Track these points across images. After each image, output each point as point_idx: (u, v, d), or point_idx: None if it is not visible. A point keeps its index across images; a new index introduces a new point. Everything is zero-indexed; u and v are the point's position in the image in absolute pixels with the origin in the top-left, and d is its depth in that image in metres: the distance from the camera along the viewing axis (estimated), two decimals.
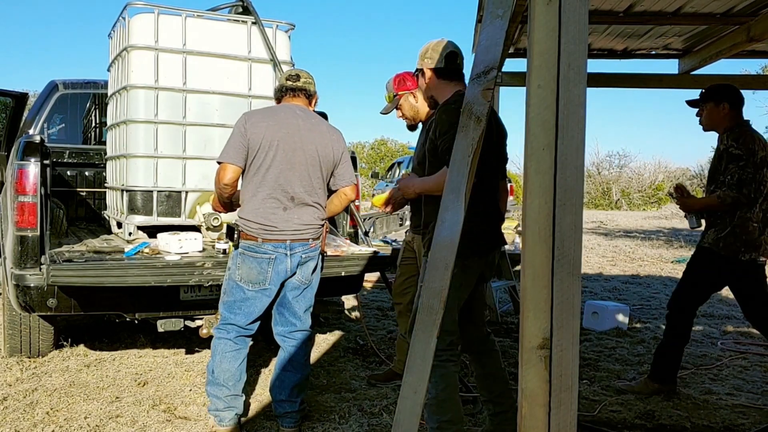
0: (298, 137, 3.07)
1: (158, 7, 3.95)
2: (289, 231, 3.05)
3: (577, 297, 1.75)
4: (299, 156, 3.06)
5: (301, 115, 3.14)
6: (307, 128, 3.11)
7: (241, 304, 3.10)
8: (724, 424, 3.38)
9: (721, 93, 3.67)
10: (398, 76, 3.70)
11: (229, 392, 3.10)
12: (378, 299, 6.63)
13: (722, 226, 3.59)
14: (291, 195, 3.05)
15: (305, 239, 3.11)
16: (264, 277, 3.06)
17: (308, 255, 3.14)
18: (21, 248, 3.49)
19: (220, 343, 3.12)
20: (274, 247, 3.04)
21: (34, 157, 3.56)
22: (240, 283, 3.08)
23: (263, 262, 3.04)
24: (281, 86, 3.27)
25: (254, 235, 3.03)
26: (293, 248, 3.07)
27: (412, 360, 2.07)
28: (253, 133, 3.00)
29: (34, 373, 3.97)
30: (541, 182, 1.75)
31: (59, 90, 5.53)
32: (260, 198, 3.03)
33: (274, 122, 3.06)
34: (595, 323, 5.46)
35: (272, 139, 3.01)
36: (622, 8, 4.30)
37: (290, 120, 3.09)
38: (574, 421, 1.75)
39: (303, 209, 3.09)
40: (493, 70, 2.16)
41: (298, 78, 3.25)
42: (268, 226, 3.02)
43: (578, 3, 1.72)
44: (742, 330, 5.55)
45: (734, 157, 3.52)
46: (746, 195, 3.50)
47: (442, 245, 2.11)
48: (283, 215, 3.04)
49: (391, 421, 3.23)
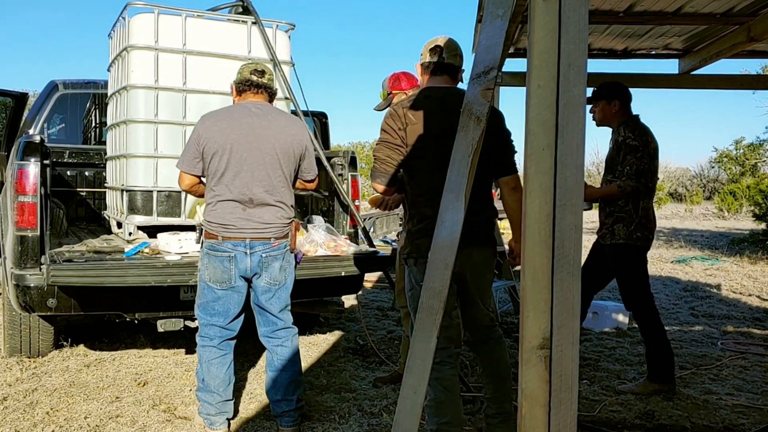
0: (254, 137, 3.04)
1: (158, 7, 3.95)
2: (248, 230, 3.05)
3: (577, 297, 1.75)
4: (255, 156, 3.03)
5: (257, 112, 3.10)
6: (263, 126, 3.07)
7: (214, 304, 3.11)
8: (724, 424, 3.38)
9: (612, 91, 3.83)
10: (394, 75, 3.73)
11: (220, 398, 3.12)
12: (378, 299, 6.63)
13: (629, 220, 3.74)
14: (249, 197, 3.04)
15: (266, 238, 3.09)
16: (228, 275, 3.07)
17: (270, 254, 3.11)
18: (21, 248, 3.49)
19: (205, 351, 3.13)
20: (233, 245, 3.04)
21: (34, 157, 3.56)
22: (209, 284, 3.10)
23: (224, 260, 3.05)
24: (246, 80, 3.17)
25: (215, 233, 3.06)
26: (253, 247, 3.07)
27: (412, 360, 2.07)
28: (206, 138, 3.02)
29: (34, 373, 3.97)
30: (541, 182, 1.75)
31: (59, 90, 5.53)
32: (217, 201, 3.06)
33: (227, 124, 3.04)
34: (595, 323, 5.46)
35: (225, 142, 3.00)
36: (622, 8, 4.30)
37: (245, 119, 3.06)
38: (574, 421, 1.75)
39: (264, 209, 3.08)
40: (493, 70, 2.15)
41: (263, 74, 3.19)
42: (228, 226, 3.04)
43: (578, 3, 1.72)
44: (742, 330, 5.55)
45: (632, 148, 3.68)
46: (644, 184, 3.69)
47: (442, 245, 2.11)
48: (243, 215, 3.05)
49: (391, 421, 3.23)
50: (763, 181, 16.11)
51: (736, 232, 14.89)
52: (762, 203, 13.00)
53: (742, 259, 10.13)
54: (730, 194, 20.94)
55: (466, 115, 2.16)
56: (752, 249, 11.32)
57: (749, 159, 27.33)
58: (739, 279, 8.32)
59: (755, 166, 26.71)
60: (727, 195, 21.07)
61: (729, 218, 19.81)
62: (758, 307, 6.59)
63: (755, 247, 11.44)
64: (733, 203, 20.35)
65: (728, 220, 19.57)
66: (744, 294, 7.33)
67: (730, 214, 20.17)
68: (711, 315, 6.13)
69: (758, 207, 13.34)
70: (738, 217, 19.74)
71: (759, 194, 13.63)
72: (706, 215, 21.62)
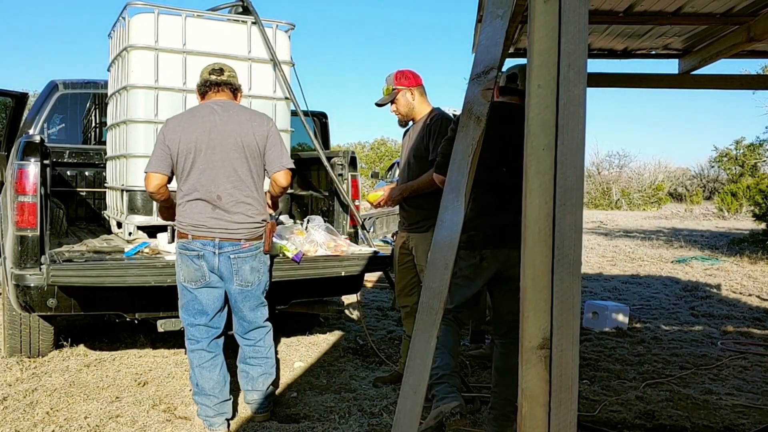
0: (216, 134, 3.04)
1: (158, 7, 3.95)
2: (218, 229, 3.07)
3: (577, 297, 1.75)
4: (218, 153, 3.04)
5: (218, 110, 3.11)
6: (224, 122, 3.07)
7: (193, 304, 3.13)
8: (724, 424, 3.38)
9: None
10: (400, 71, 3.75)
11: (217, 400, 3.14)
12: (378, 299, 6.63)
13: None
14: (217, 194, 3.05)
15: (236, 239, 3.09)
16: (201, 272, 3.09)
17: (239, 256, 3.10)
18: (21, 248, 3.49)
19: (195, 356, 3.15)
20: (202, 244, 3.07)
21: (34, 157, 3.56)
22: (184, 284, 3.13)
23: (195, 258, 3.08)
24: (205, 81, 3.20)
25: (185, 232, 3.09)
26: (222, 247, 3.07)
27: (412, 360, 2.07)
28: (170, 140, 3.04)
29: (34, 373, 3.97)
30: (541, 182, 1.75)
31: (59, 90, 5.53)
32: (187, 201, 3.08)
33: (189, 124, 3.06)
34: (595, 323, 5.46)
35: (188, 142, 3.03)
36: (622, 8, 4.29)
37: (206, 118, 3.07)
38: (574, 421, 1.75)
39: (235, 207, 3.08)
40: (493, 70, 2.15)
41: (221, 72, 3.20)
42: (198, 226, 3.06)
43: (578, 3, 1.72)
44: (742, 330, 5.55)
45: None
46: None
47: (442, 245, 2.11)
48: (212, 214, 3.06)
49: (391, 421, 3.23)
50: (763, 181, 16.11)
51: (736, 232, 14.89)
52: (762, 203, 13.00)
53: (742, 259, 10.13)
54: (730, 194, 20.93)
55: (465, 115, 2.16)
56: (752, 249, 11.32)
57: (749, 159, 27.34)
58: (739, 279, 8.32)
59: (755, 166, 26.72)
60: (727, 195, 21.06)
61: (729, 218, 19.81)
62: (758, 307, 6.60)
63: (755, 247, 11.44)
64: (733, 203, 20.35)
65: (728, 220, 19.57)
66: (744, 294, 7.33)
67: (730, 214, 20.17)
68: (711, 315, 6.13)
69: (758, 207, 13.34)
70: (738, 217, 19.74)
71: (759, 194, 13.63)
72: (706, 215, 21.61)
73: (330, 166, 4.45)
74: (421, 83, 3.76)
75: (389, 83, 3.77)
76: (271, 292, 3.36)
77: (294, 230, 4.07)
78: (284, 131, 4.47)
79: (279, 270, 3.72)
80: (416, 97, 3.72)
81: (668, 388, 3.94)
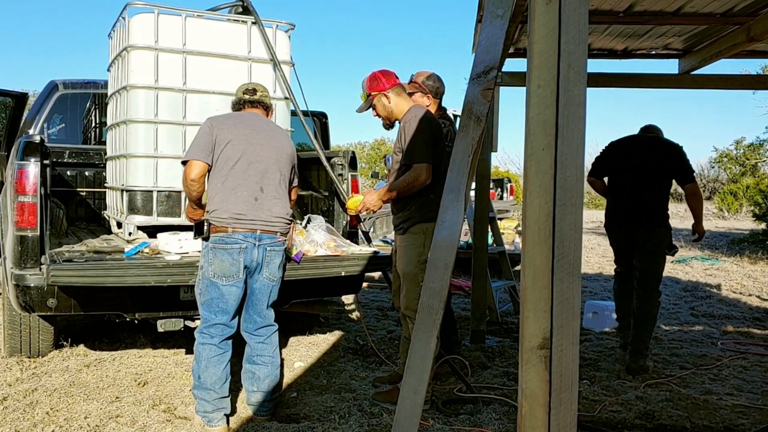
0: (264, 135, 3.24)
1: (158, 7, 3.95)
2: (259, 221, 3.13)
3: (577, 297, 1.75)
4: (266, 151, 3.21)
5: (263, 119, 3.36)
6: (270, 129, 3.34)
7: (218, 302, 3.13)
8: (724, 424, 3.38)
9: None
10: (372, 75, 3.60)
11: (216, 395, 3.14)
12: (378, 299, 6.63)
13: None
14: (260, 185, 3.15)
15: (274, 232, 3.18)
16: (237, 268, 3.11)
17: (274, 249, 3.20)
18: (21, 248, 3.49)
19: (205, 349, 3.15)
20: (244, 236, 3.10)
21: (34, 157, 3.56)
22: (214, 280, 3.12)
23: (234, 252, 3.09)
24: (239, 99, 3.42)
25: (225, 225, 3.09)
26: (262, 239, 3.14)
27: (412, 360, 2.07)
28: (219, 129, 3.15)
29: (34, 373, 3.97)
30: (541, 182, 1.75)
31: (59, 90, 5.53)
32: (229, 187, 3.12)
33: (239, 121, 3.25)
34: (595, 323, 5.46)
35: (239, 134, 3.16)
36: (622, 8, 4.29)
37: (254, 121, 3.30)
38: (574, 421, 1.75)
39: (273, 201, 3.18)
40: (493, 70, 2.16)
41: (254, 92, 3.42)
42: (239, 215, 3.09)
43: (578, 3, 1.72)
44: (742, 330, 5.55)
45: None
46: None
47: (441, 245, 2.11)
48: (254, 204, 3.12)
49: (391, 421, 3.23)
50: (763, 181, 16.09)
51: (736, 232, 14.89)
52: (762, 203, 12.99)
53: (742, 259, 10.13)
54: (730, 194, 20.93)
55: (465, 115, 2.16)
56: (752, 249, 11.32)
57: (750, 159, 27.33)
58: (739, 279, 8.32)
59: (755, 166, 26.71)
60: (727, 195, 21.05)
61: (729, 218, 19.81)
62: (758, 307, 6.60)
63: (755, 247, 11.44)
64: (733, 203, 20.34)
65: (728, 220, 19.57)
66: (744, 294, 7.33)
67: (730, 214, 20.17)
68: (711, 315, 6.13)
69: (758, 207, 13.34)
70: (738, 217, 19.74)
71: (759, 194, 13.62)
72: (706, 215, 21.54)
73: (330, 166, 4.45)
74: (396, 83, 3.58)
75: (365, 89, 3.63)
76: None
77: (294, 230, 4.06)
78: None
79: None
80: (392, 99, 3.56)
81: (668, 388, 3.94)
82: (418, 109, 3.55)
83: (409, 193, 3.44)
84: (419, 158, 3.38)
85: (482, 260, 5.05)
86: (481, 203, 5.11)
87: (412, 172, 3.39)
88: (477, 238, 5.15)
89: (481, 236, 5.15)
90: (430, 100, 4.06)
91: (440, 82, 4.12)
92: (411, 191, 3.42)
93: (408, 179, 3.41)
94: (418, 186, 3.39)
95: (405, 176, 3.43)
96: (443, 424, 3.30)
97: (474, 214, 5.18)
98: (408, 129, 3.45)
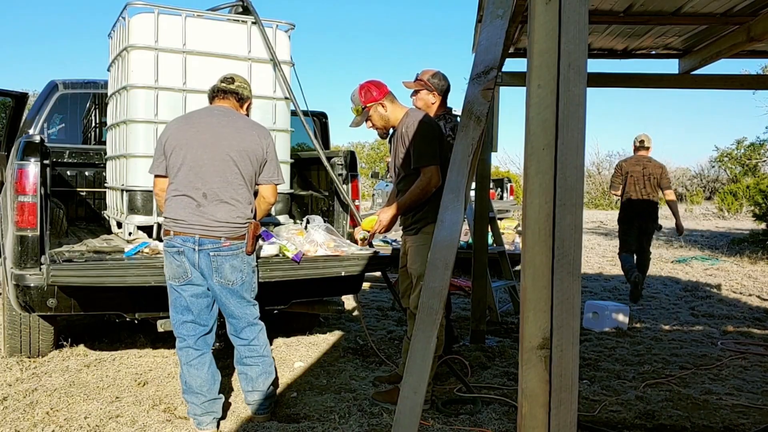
0: (210, 134, 3.13)
1: (158, 7, 3.95)
2: (198, 226, 3.08)
3: (577, 297, 1.75)
4: (209, 152, 3.11)
5: (218, 114, 3.23)
6: (221, 125, 3.17)
7: (179, 301, 3.16)
8: (724, 424, 3.38)
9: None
10: (363, 87, 3.60)
11: (205, 398, 3.15)
12: (378, 299, 6.63)
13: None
14: (203, 192, 3.09)
15: (216, 237, 3.09)
16: (183, 269, 3.10)
17: (220, 254, 3.10)
18: (21, 248, 3.49)
19: (182, 353, 3.17)
20: (183, 240, 3.09)
21: (34, 157, 3.56)
22: (170, 282, 3.15)
23: (175, 254, 3.10)
24: (215, 87, 3.35)
25: (168, 229, 3.13)
26: (202, 244, 3.08)
27: (412, 360, 2.07)
28: (168, 137, 3.17)
29: (34, 373, 3.97)
30: (541, 182, 1.75)
31: (59, 90, 5.53)
32: (173, 196, 3.13)
33: (184, 124, 3.21)
34: (595, 323, 5.46)
35: (182, 138, 3.13)
36: (622, 8, 4.29)
37: (203, 119, 3.20)
38: (574, 421, 1.75)
39: (218, 206, 3.10)
40: (493, 70, 2.15)
41: (232, 81, 3.34)
42: (178, 220, 3.09)
43: (578, 3, 1.72)
44: (742, 330, 5.55)
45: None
46: None
47: (441, 245, 2.11)
48: (195, 211, 3.09)
49: (391, 421, 3.23)
50: (763, 181, 16.08)
51: (736, 232, 14.89)
52: (762, 203, 12.99)
53: (742, 259, 10.13)
54: (730, 194, 20.92)
55: (465, 115, 2.16)
56: (752, 249, 11.31)
57: (751, 159, 27.32)
58: (739, 279, 8.32)
59: (756, 166, 26.71)
60: (727, 195, 21.04)
61: (729, 218, 19.80)
62: (758, 307, 6.60)
63: (755, 247, 11.44)
64: (733, 203, 20.33)
65: (728, 220, 19.56)
66: (744, 294, 7.33)
67: (731, 214, 20.15)
68: (711, 315, 6.13)
69: (758, 207, 13.33)
70: (738, 217, 19.73)
71: (759, 194, 13.61)
72: (706, 215, 21.60)
73: (330, 166, 4.45)
74: (387, 91, 3.60)
75: (356, 103, 3.62)
76: (271, 292, 3.35)
77: (294, 230, 4.07)
78: (284, 131, 4.48)
79: (279, 270, 3.73)
80: (388, 107, 3.57)
81: (668, 388, 3.94)
82: (415, 113, 3.57)
83: (424, 199, 3.43)
84: (427, 161, 3.39)
85: (482, 260, 5.05)
86: (481, 203, 5.11)
87: (423, 177, 3.39)
88: (477, 238, 5.15)
89: (481, 236, 5.15)
90: (436, 97, 4.10)
91: (445, 79, 4.15)
92: (426, 196, 3.41)
93: (421, 185, 3.40)
94: (432, 189, 3.39)
95: (417, 183, 3.42)
96: (443, 424, 3.30)
97: (474, 214, 5.18)
98: (409, 134, 3.46)
